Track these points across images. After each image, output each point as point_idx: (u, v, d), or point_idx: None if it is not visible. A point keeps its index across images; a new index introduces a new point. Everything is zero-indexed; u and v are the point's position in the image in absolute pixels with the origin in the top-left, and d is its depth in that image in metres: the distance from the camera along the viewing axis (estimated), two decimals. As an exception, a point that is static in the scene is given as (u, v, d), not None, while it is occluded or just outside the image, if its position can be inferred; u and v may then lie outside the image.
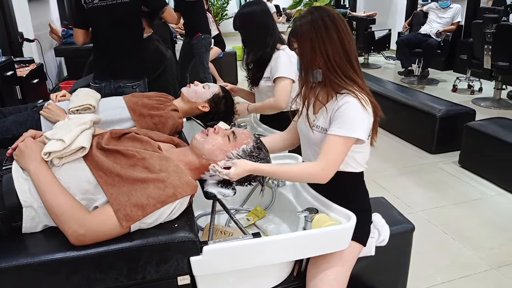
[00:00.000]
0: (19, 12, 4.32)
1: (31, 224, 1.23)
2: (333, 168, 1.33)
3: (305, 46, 1.35)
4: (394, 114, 4.04)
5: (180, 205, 1.26)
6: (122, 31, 2.41)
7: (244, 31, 2.22)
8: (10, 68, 3.23)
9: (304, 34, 1.34)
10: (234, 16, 2.26)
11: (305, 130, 1.48)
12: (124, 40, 2.43)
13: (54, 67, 5.63)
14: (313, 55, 1.34)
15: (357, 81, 1.37)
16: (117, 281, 1.20)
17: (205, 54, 4.45)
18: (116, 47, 2.43)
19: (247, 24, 2.17)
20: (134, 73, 2.51)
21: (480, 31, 4.82)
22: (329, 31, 1.33)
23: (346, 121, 1.32)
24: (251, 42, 2.21)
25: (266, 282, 1.44)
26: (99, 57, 2.50)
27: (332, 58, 1.34)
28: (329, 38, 1.32)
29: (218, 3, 9.62)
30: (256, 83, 2.27)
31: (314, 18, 1.34)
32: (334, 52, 1.33)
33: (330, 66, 1.35)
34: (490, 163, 3.21)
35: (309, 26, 1.33)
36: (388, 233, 1.58)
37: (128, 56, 2.47)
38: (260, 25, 2.16)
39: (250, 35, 2.21)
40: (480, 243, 2.45)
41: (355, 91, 1.35)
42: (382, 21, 8.01)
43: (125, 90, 2.47)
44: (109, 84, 2.45)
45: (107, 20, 2.38)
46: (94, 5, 2.34)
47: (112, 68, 2.46)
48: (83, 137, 1.34)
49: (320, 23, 1.33)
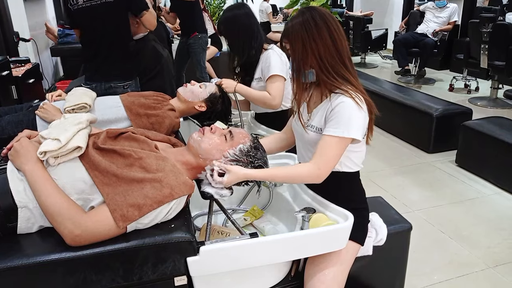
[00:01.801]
0: (15, 12, 4.30)
1: (27, 225, 1.22)
2: (329, 168, 1.33)
3: (296, 46, 1.35)
4: (391, 113, 4.05)
5: (177, 205, 1.26)
6: (108, 31, 2.40)
7: (228, 35, 2.20)
8: (5, 68, 3.21)
9: (295, 34, 1.35)
10: (218, 22, 2.24)
11: (300, 130, 1.48)
12: (112, 40, 2.42)
13: (50, 66, 5.61)
14: (304, 54, 1.34)
15: (350, 80, 1.37)
16: (114, 282, 1.19)
17: (202, 53, 4.44)
18: (104, 47, 2.42)
19: (230, 28, 2.15)
20: (124, 73, 2.50)
21: (477, 30, 4.83)
22: (320, 30, 1.33)
23: (341, 121, 1.32)
24: (236, 46, 2.18)
25: (263, 282, 1.43)
26: (89, 58, 2.50)
27: (324, 57, 1.34)
28: (320, 38, 1.33)
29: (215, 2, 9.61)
30: (247, 86, 2.22)
31: (305, 18, 1.34)
32: (326, 51, 1.33)
33: (322, 66, 1.35)
34: (487, 162, 3.22)
35: (300, 26, 1.34)
36: (385, 233, 1.58)
37: (117, 56, 2.46)
38: (244, 28, 2.13)
39: (234, 39, 2.17)
40: (477, 242, 2.46)
41: (349, 90, 1.34)
42: (379, 21, 8.03)
43: (116, 90, 2.45)
44: (99, 85, 2.44)
45: (93, 20, 2.37)
46: (79, 7, 2.33)
47: (101, 68, 2.45)
48: (79, 136, 1.33)
49: (311, 23, 1.33)
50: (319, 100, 1.42)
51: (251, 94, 2.17)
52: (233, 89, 2.16)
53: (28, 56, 4.07)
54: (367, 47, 7.22)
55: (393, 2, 8.33)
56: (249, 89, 2.18)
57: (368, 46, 7.20)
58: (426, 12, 6.02)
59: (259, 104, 2.19)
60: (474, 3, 6.31)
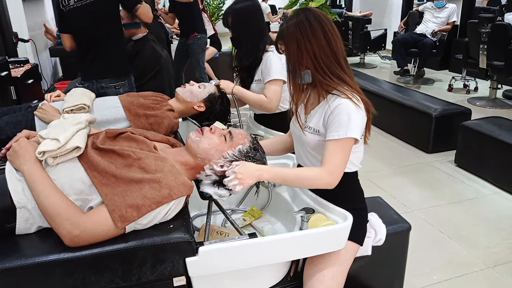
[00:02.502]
0: (14, 12, 4.30)
1: (25, 225, 1.22)
2: (340, 171, 1.33)
3: (291, 47, 1.36)
4: (390, 113, 4.05)
5: (175, 205, 1.26)
6: (100, 30, 2.40)
7: (236, 29, 2.11)
8: (4, 69, 3.21)
9: (290, 35, 1.35)
10: (225, 12, 2.16)
11: (298, 132, 1.48)
12: (104, 40, 2.42)
13: (49, 67, 5.61)
14: (300, 55, 1.35)
15: (346, 80, 1.37)
16: (112, 283, 1.19)
17: (201, 54, 4.44)
18: (96, 47, 2.42)
19: (240, 22, 2.09)
20: (116, 73, 2.49)
21: (476, 30, 4.84)
22: (315, 31, 1.33)
23: (342, 124, 1.31)
24: (244, 44, 2.12)
25: (262, 283, 1.43)
26: (81, 58, 2.50)
27: (319, 57, 1.34)
28: (315, 38, 1.33)
29: (214, 3, 9.61)
30: (247, 87, 2.21)
31: (299, 19, 1.35)
32: (321, 52, 1.34)
33: (318, 66, 1.35)
34: (486, 162, 3.22)
35: (295, 27, 1.34)
36: (384, 233, 1.58)
37: (109, 55, 2.46)
38: (255, 27, 2.08)
39: (243, 36, 2.12)
40: (476, 242, 2.46)
41: (346, 91, 1.35)
42: (378, 21, 8.03)
43: (108, 91, 2.45)
44: (91, 84, 2.44)
45: (85, 20, 2.37)
46: (71, 7, 2.33)
47: (93, 68, 2.45)
48: (78, 136, 1.32)
49: (306, 24, 1.34)
50: (317, 102, 1.42)
51: (248, 97, 2.16)
52: (230, 90, 2.14)
53: (27, 57, 4.07)
54: (366, 48, 7.23)
55: (392, 3, 8.34)
56: (246, 92, 2.17)
57: (367, 46, 7.20)
58: (425, 12, 6.03)
59: (255, 107, 2.18)
60: (473, 3, 6.31)
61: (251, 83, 2.20)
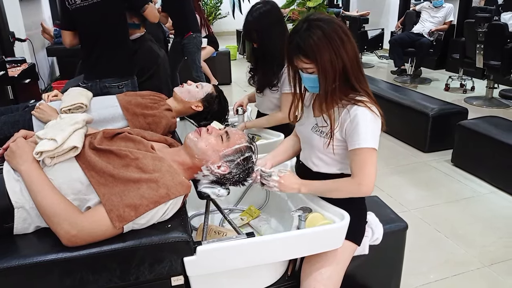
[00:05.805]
0: (10, 11, 4.29)
1: (23, 225, 1.22)
2: (371, 182, 1.33)
3: (322, 61, 1.26)
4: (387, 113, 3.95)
5: (173, 205, 1.26)
6: (106, 30, 2.40)
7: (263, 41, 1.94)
8: (1, 68, 3.21)
9: (320, 50, 1.26)
10: (246, 24, 1.95)
11: (307, 134, 1.47)
12: (109, 39, 2.42)
13: (46, 67, 5.59)
14: (330, 69, 1.27)
15: (368, 91, 1.35)
16: (110, 282, 1.19)
17: (197, 53, 4.43)
18: (101, 47, 2.42)
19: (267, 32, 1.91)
20: (120, 72, 2.49)
21: (472, 30, 4.85)
22: (345, 44, 1.28)
23: (368, 132, 1.30)
24: (269, 59, 1.94)
25: (260, 282, 1.44)
26: (85, 57, 2.49)
27: (350, 70, 1.30)
28: (345, 50, 1.28)
29: (211, 2, 9.59)
30: (261, 91, 2.15)
31: (327, 32, 1.26)
32: (351, 62, 1.30)
33: (346, 77, 1.31)
34: (482, 162, 3.23)
35: (325, 41, 1.25)
36: (381, 232, 1.59)
37: (114, 55, 2.46)
38: (281, 34, 1.91)
39: (269, 47, 1.94)
40: (472, 241, 2.47)
41: (366, 102, 1.33)
42: (375, 21, 8.04)
43: (111, 90, 2.45)
44: (95, 84, 2.44)
45: (91, 19, 2.37)
46: (77, 6, 2.33)
47: (97, 67, 2.45)
48: (75, 136, 1.33)
49: (334, 36, 1.26)
50: (330, 106, 1.36)
51: (262, 124, 2.16)
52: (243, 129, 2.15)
53: (24, 56, 4.06)
54: (363, 47, 7.22)
55: (389, 2, 8.35)
56: (258, 121, 2.18)
57: (365, 46, 7.20)
58: (422, 12, 6.04)
59: (273, 125, 2.14)
60: (470, 3, 6.33)
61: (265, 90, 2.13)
